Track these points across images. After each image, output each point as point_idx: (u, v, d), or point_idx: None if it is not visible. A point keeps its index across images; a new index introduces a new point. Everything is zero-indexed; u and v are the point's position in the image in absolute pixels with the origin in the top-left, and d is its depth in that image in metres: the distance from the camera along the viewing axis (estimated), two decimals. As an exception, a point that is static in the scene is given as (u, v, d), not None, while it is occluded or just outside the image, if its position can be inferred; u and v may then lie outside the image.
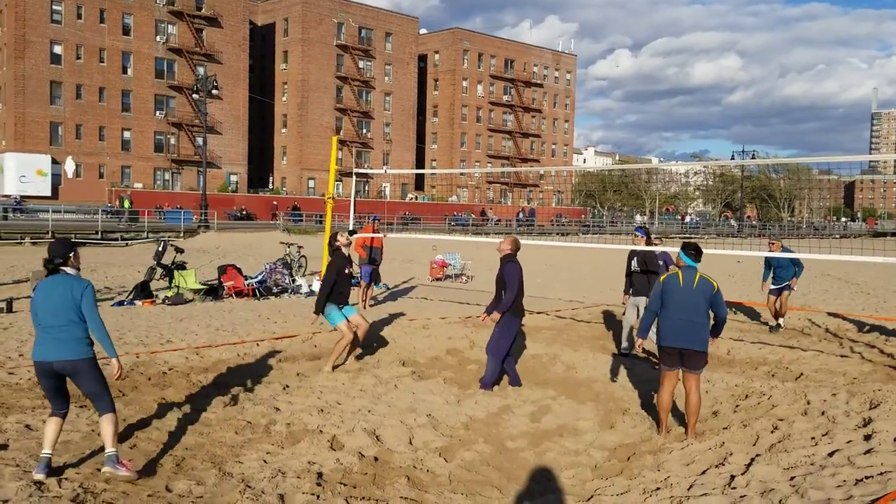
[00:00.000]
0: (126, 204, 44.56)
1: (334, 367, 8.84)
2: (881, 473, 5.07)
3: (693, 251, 6.78)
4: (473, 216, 65.20)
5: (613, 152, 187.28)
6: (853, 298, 16.92)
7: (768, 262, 12.48)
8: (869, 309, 14.88)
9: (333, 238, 9.47)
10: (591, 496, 5.30)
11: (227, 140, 68.84)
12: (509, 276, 8.07)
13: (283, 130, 76.71)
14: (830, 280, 21.17)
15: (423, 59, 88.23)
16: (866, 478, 5.03)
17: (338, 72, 76.73)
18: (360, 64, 78.72)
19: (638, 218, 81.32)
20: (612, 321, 12.82)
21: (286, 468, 5.52)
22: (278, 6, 76.49)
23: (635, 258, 10.08)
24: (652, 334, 7.85)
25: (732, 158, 68.60)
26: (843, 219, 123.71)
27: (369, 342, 10.38)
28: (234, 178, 69.70)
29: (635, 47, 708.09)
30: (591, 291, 17.91)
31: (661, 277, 6.83)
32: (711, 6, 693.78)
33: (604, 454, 6.33)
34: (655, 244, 10.30)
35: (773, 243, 11.75)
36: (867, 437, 5.93)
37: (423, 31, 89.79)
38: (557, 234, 57.54)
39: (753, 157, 68.07)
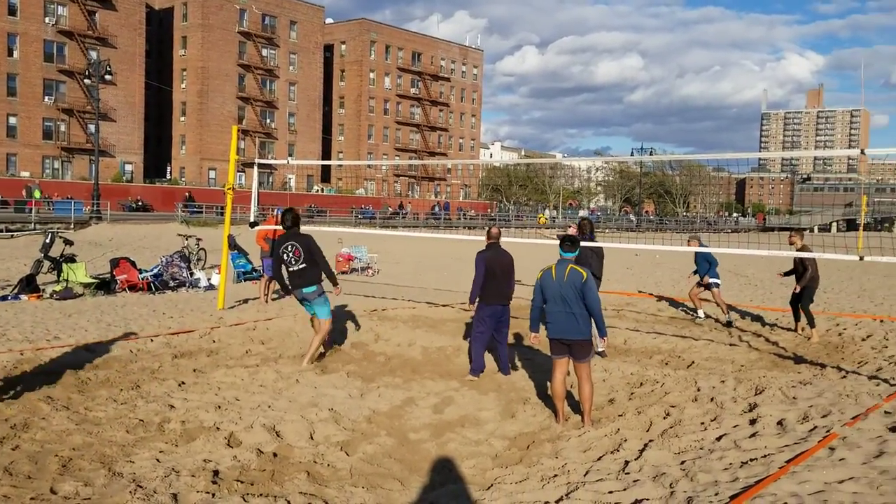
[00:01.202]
0: (36, 194, 42.14)
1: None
2: (765, 456, 5.33)
3: (568, 243, 6.89)
4: (391, 209, 65.13)
5: (520, 147, 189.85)
6: (742, 290, 17.75)
7: (707, 259, 12.89)
8: (756, 300, 15.66)
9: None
10: (491, 485, 5.35)
11: (122, 128, 66.03)
12: (475, 265, 8.58)
13: (182, 119, 74.21)
14: (721, 272, 22.07)
15: (329, 48, 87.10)
16: (751, 460, 5.27)
17: (240, 59, 74.78)
18: (264, 52, 76.99)
19: (547, 213, 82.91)
20: (514, 313, 13.00)
21: (180, 467, 5.34)
22: (177, -10, 73.94)
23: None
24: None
25: (632, 155, 70.80)
26: (735, 214, 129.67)
27: (271, 337, 10.17)
28: (129, 167, 66.94)
29: (542, 45, 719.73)
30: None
31: (539, 273, 6.94)
32: (615, 7, 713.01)
33: (504, 443, 6.41)
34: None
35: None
36: (752, 422, 6.23)
37: (329, 20, 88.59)
38: (464, 227, 58.02)
39: (651, 154, 70.50)
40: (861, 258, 8.90)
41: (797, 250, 10.84)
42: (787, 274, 12.17)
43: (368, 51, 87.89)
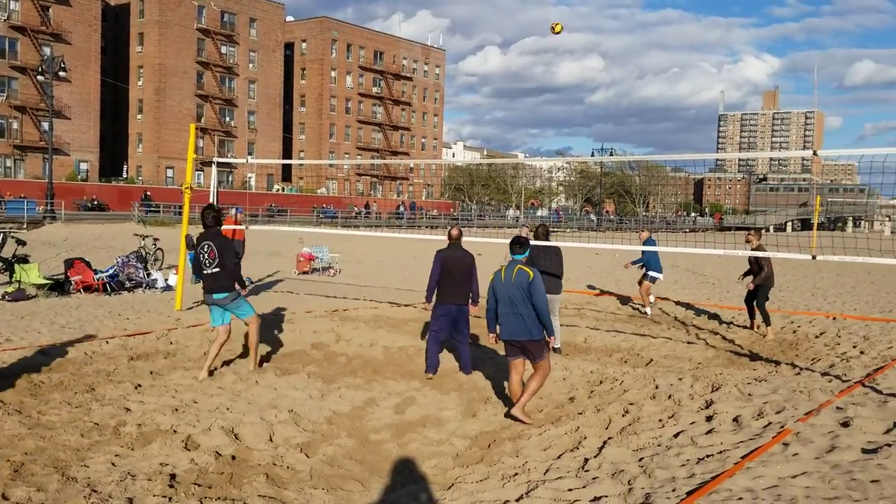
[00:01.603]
0: None
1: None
2: (720, 452, 5.43)
3: (517, 245, 6.94)
4: (357, 209, 64.93)
5: (482, 147, 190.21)
6: (699, 288, 18.03)
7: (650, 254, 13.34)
8: (713, 298, 15.91)
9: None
10: (452, 484, 5.35)
11: (77, 125, 64.68)
12: (433, 264, 8.69)
13: (139, 117, 72.94)
14: (680, 271, 22.48)
15: (289, 47, 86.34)
16: (707, 456, 5.36)
17: (199, 57, 73.78)
18: (223, 49, 76.08)
19: (510, 213, 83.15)
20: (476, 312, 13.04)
21: (136, 470, 5.25)
22: (134, -15, 72.62)
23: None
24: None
25: (592, 155, 71.39)
26: (693, 214, 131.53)
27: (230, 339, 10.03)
28: (84, 166, 65.60)
29: (504, 45, 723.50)
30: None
31: (492, 275, 6.98)
32: (576, 8, 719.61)
33: (465, 442, 6.42)
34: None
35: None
36: (709, 419, 6.33)
37: (289, 18, 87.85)
38: (427, 226, 57.97)
39: (611, 155, 71.21)
40: (813, 257, 9.09)
41: (752, 249, 11.05)
42: (746, 275, 12.20)
43: (329, 49, 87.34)
